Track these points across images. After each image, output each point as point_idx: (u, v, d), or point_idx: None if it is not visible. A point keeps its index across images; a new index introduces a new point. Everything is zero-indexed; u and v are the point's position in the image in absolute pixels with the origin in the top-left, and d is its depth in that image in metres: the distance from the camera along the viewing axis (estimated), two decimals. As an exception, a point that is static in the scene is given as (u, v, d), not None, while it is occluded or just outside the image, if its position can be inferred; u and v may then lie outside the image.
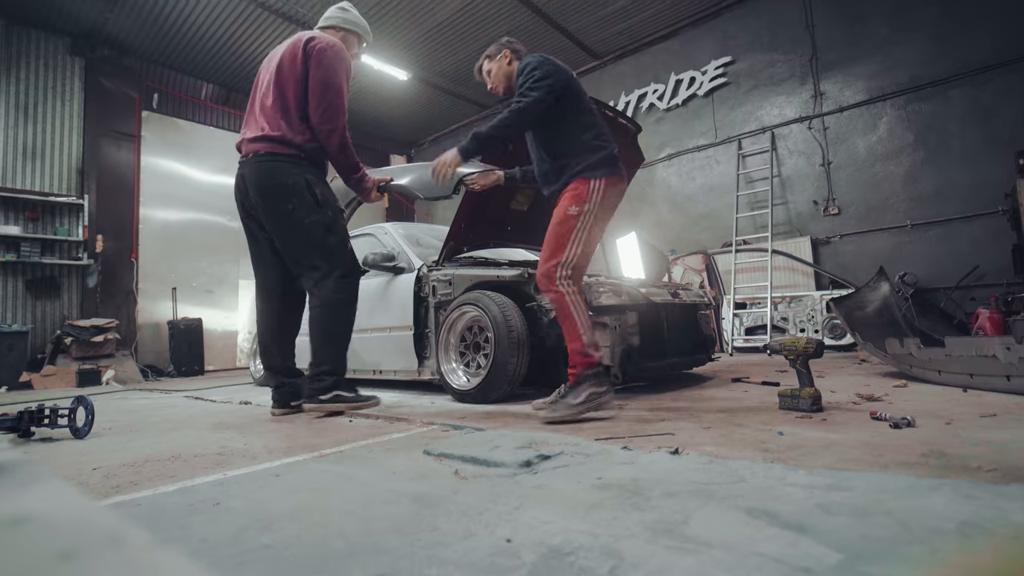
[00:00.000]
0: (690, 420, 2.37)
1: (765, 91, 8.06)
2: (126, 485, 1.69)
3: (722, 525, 1.08)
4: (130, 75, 8.91)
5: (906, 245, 6.72)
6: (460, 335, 3.67)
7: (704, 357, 4.08)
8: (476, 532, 1.12)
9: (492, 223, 4.36)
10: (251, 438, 2.46)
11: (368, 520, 1.22)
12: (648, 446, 1.83)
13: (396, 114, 11.79)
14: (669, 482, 1.39)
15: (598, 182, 2.68)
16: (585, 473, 1.52)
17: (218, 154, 9.97)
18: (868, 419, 2.15)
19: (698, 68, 8.72)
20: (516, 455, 1.70)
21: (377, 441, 2.22)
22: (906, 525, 1.02)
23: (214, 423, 3.03)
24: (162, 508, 1.42)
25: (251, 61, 9.36)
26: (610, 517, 1.16)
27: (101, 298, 8.21)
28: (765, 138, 8.00)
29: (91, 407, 2.70)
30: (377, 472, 1.68)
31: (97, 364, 7.32)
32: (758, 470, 1.45)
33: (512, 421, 2.60)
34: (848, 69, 7.29)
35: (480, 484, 1.48)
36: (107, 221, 8.41)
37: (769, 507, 1.16)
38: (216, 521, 1.27)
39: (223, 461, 1.97)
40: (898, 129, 6.88)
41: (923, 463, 1.48)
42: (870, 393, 2.80)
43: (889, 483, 1.28)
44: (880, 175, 6.96)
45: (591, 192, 2.66)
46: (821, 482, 1.31)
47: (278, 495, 1.47)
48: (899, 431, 1.90)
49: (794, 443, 1.80)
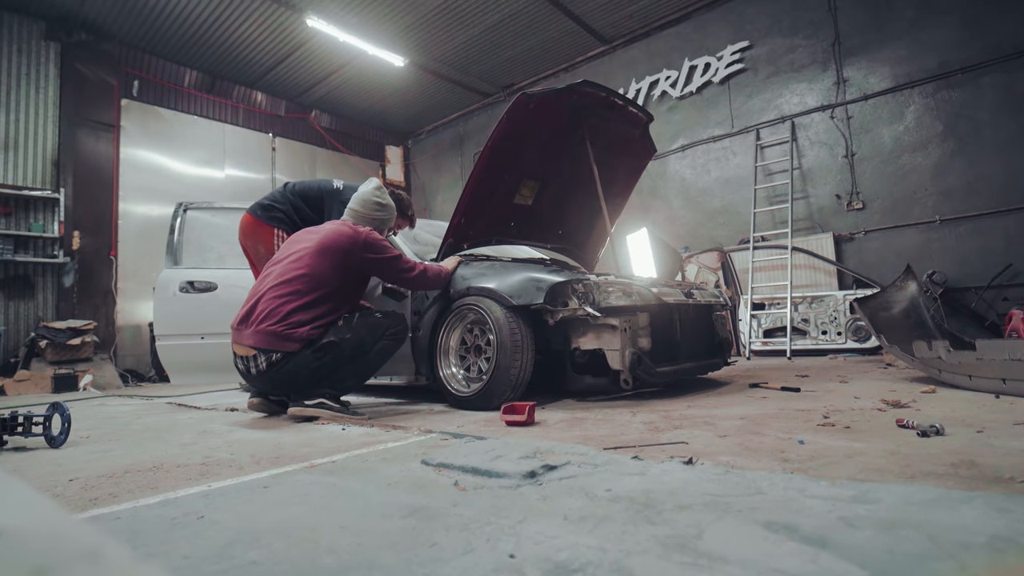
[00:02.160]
0: (705, 428, 2.36)
1: (785, 78, 8.04)
2: (105, 497, 1.69)
3: (738, 540, 1.08)
4: (108, 61, 8.93)
5: (935, 242, 6.71)
6: (460, 337, 3.67)
7: (720, 361, 4.08)
8: (477, 547, 1.12)
9: (494, 218, 4.36)
10: (237, 447, 2.47)
11: (361, 535, 1.22)
12: (660, 456, 1.83)
13: (392, 103, 11.82)
14: (682, 494, 1.39)
15: None
16: (593, 484, 1.52)
17: (202, 145, 10.01)
18: (894, 427, 2.15)
19: (713, 53, 8.70)
20: (520, 465, 1.70)
21: (371, 451, 2.22)
22: (935, 539, 1.02)
23: (198, 431, 3.04)
24: (143, 522, 1.42)
25: (238, 46, 9.39)
26: (620, 531, 1.16)
27: (78, 298, 8.24)
28: (785, 128, 7.99)
29: (67, 414, 2.70)
30: (371, 483, 1.68)
31: (74, 368, 7.34)
32: (777, 481, 1.45)
33: (515, 430, 2.60)
34: (873, 54, 7.27)
35: (481, 496, 1.48)
36: (84, 216, 8.43)
37: (789, 520, 1.16)
38: (200, 536, 1.28)
39: (208, 472, 1.97)
40: (926, 118, 6.86)
41: (953, 474, 1.47)
42: (896, 399, 2.80)
43: (916, 495, 1.28)
44: (907, 167, 6.95)
45: None
46: (844, 494, 1.31)
47: (266, 508, 1.47)
48: (927, 439, 1.90)
49: (815, 452, 1.79)
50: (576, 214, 4.97)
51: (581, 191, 4.66)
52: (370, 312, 3.48)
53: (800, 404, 2.90)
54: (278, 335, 3.13)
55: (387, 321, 3.43)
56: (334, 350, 3.21)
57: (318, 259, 3.30)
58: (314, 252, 3.32)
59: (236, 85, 10.63)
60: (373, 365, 3.41)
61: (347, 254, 3.35)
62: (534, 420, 2.73)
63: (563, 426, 2.63)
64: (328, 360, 3.20)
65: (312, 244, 3.37)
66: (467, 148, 12.37)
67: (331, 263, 3.32)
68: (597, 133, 4.28)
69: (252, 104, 10.92)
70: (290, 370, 3.17)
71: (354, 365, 3.31)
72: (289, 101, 11.40)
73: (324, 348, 3.19)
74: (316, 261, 3.29)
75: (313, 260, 3.29)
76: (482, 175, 3.93)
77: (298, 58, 9.92)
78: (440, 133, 13.02)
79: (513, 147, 3.98)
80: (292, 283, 3.24)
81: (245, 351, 3.23)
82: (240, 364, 3.28)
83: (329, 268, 3.30)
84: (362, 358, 3.32)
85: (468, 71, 10.60)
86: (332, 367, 3.24)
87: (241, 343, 3.24)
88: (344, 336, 3.24)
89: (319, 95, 11.31)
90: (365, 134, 12.80)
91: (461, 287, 3.66)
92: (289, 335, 3.13)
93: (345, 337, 3.24)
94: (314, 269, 3.27)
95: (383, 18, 8.77)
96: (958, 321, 6.37)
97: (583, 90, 3.92)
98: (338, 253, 3.34)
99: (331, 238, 3.38)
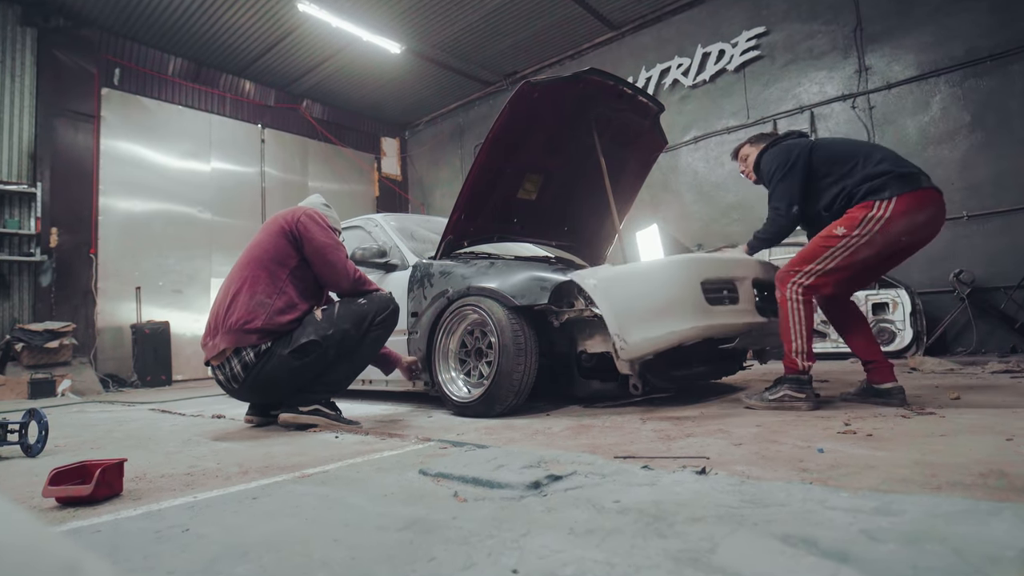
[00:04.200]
0: (719, 436, 2.36)
1: (803, 66, 8.03)
2: (84, 509, 1.69)
3: (754, 554, 1.08)
4: (88, 48, 8.94)
5: (962, 239, 6.69)
6: (460, 340, 3.67)
7: (735, 365, 4.08)
8: (478, 562, 1.12)
9: (496, 214, 4.36)
10: (224, 456, 2.47)
11: (356, 548, 1.23)
12: (672, 465, 1.83)
13: (387, 92, 11.81)
14: (695, 506, 1.39)
15: (883, 204, 2.92)
16: (601, 495, 1.52)
17: (187, 137, 10.00)
18: (918, 435, 2.14)
19: (728, 40, 8.69)
20: (523, 475, 1.70)
21: (366, 460, 2.22)
22: (961, 553, 1.02)
23: (183, 439, 3.05)
24: (125, 535, 1.43)
25: (225, 31, 9.39)
26: (629, 545, 1.16)
27: (56, 299, 8.25)
28: (803, 118, 7.98)
29: (45, 421, 2.71)
30: (366, 494, 1.68)
31: (51, 373, 7.35)
32: (795, 492, 1.45)
33: (519, 438, 2.60)
34: (897, 41, 7.26)
35: (482, 508, 1.48)
36: (63, 212, 8.43)
37: (807, 533, 1.16)
38: (185, 550, 1.28)
39: (193, 482, 1.98)
40: (953, 108, 6.85)
41: (981, 484, 1.47)
42: (921, 405, 2.80)
43: (942, 506, 1.28)
44: (932, 160, 6.93)
45: (866, 220, 2.92)
46: (866, 505, 1.31)
47: (254, 520, 1.48)
48: (954, 447, 1.90)
49: (836, 461, 1.79)
50: (582, 210, 4.96)
51: (588, 185, 4.65)
52: (351, 300, 3.30)
53: (819, 411, 2.90)
54: (238, 330, 3.10)
55: (371, 306, 3.27)
56: (316, 350, 3.13)
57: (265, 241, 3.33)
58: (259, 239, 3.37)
59: (223, 73, 10.63)
60: (366, 357, 3.37)
61: (283, 231, 3.31)
62: (120, 489, 1.88)
63: (569, 434, 2.63)
64: (311, 361, 3.13)
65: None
66: (467, 140, 12.37)
67: (273, 244, 3.29)
68: (605, 124, 4.28)
69: (240, 93, 10.93)
70: (268, 374, 3.12)
71: (344, 364, 3.26)
72: (279, 90, 11.41)
73: (304, 349, 3.11)
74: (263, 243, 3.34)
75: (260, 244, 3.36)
76: (483, 168, 3.93)
77: (288, 45, 9.92)
78: (439, 124, 13.02)
79: (516, 139, 3.97)
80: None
81: (219, 359, 3.21)
82: (219, 375, 3.26)
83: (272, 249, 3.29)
84: (350, 355, 3.25)
85: (468, 58, 10.60)
86: (318, 368, 3.18)
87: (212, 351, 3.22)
88: (326, 333, 3.14)
89: (311, 84, 11.31)
90: (359, 125, 12.80)
91: (461, 286, 3.66)
92: (249, 329, 3.10)
93: (327, 334, 3.14)
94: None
95: (378, 2, 8.76)
96: (986, 323, 6.36)
97: (590, 78, 3.91)
98: (277, 231, 3.32)
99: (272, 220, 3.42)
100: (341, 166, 12.26)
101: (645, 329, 3.05)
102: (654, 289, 3.12)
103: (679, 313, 3.06)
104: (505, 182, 4.23)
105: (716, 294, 3.19)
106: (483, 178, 4.00)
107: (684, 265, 3.17)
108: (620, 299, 3.11)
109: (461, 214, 4.04)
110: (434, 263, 4.06)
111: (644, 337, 3.04)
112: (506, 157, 4.05)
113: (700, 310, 3.08)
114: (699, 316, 3.07)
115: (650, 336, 3.04)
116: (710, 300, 3.13)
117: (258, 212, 10.74)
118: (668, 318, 3.05)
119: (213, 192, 10.15)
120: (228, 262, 9.62)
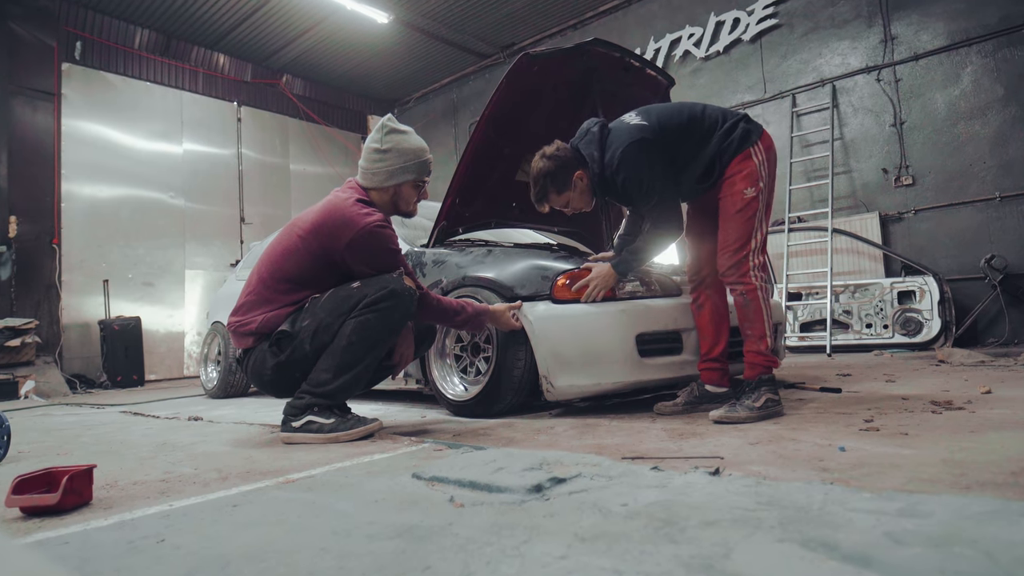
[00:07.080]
0: (733, 434, 2.38)
1: (824, 35, 8.01)
2: (51, 519, 1.70)
3: (771, 559, 1.09)
4: (47, 19, 8.88)
5: (994, 222, 6.70)
6: (455, 335, 3.67)
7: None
8: (476, 571, 1.13)
9: (493, 198, 4.35)
10: (202, 461, 2.48)
11: (345, 558, 1.24)
12: (683, 466, 1.84)
13: (374, 65, 11.76)
14: (708, 509, 1.40)
15: (758, 148, 2.94)
16: (607, 499, 1.53)
17: (157, 115, 9.95)
18: (946, 432, 2.16)
19: (743, 7, 8.66)
20: (524, 478, 1.71)
21: (356, 463, 2.23)
22: (992, 557, 1.03)
23: (158, 443, 3.05)
24: (95, 546, 1.43)
25: (195, 2, 9.33)
26: (638, 551, 1.17)
27: (16, 293, 8.23)
28: (825, 92, 7.96)
29: (6, 426, 2.71)
30: (356, 500, 1.69)
31: (13, 374, 7.35)
32: (815, 493, 1.46)
33: (519, 438, 2.61)
34: (925, 8, 7.24)
35: (481, 513, 1.49)
36: (22, 199, 8.41)
37: (828, 537, 1.17)
38: (160, 562, 1.29)
39: (168, 489, 1.99)
40: (985, 81, 6.83)
41: (1013, 483, 1.48)
42: (949, 399, 2.81)
43: (972, 507, 1.29)
44: (963, 137, 6.93)
45: (759, 168, 2.92)
46: (890, 507, 1.32)
47: (235, 530, 1.48)
48: (984, 444, 1.91)
49: (858, 460, 1.81)
50: (585, 193, 4.94)
51: (591, 166, 4.64)
52: (344, 285, 2.93)
53: (841, 407, 2.92)
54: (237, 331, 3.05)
55: (362, 290, 2.85)
56: (290, 342, 2.86)
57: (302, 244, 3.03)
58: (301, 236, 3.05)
59: (195, 46, 10.57)
60: (355, 352, 2.82)
61: (327, 246, 2.96)
62: (90, 497, 1.87)
63: (573, 433, 2.64)
64: (286, 358, 2.89)
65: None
66: (461, 118, 12.33)
67: (308, 254, 2.98)
68: (611, 100, 4.26)
69: (213, 68, 10.87)
70: (252, 367, 3.03)
71: (325, 358, 2.85)
72: (256, 64, 11.35)
73: (276, 341, 2.89)
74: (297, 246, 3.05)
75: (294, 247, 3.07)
76: (479, 149, 3.92)
77: (266, 14, 9.85)
78: (430, 100, 12.97)
79: (514, 116, 3.96)
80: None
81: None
82: None
83: (307, 259, 2.99)
84: (331, 347, 2.84)
85: (462, 29, 10.54)
86: (300, 365, 2.90)
87: None
88: (301, 324, 2.87)
89: (291, 57, 11.25)
90: (344, 102, 12.75)
91: (456, 277, 3.66)
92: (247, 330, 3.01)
93: (302, 325, 2.86)
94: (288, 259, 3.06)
95: (362, -32, 8.73)
96: (1020, 312, 6.38)
97: (594, 50, 3.90)
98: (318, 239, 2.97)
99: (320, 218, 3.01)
100: (325, 147, 12.21)
101: (572, 376, 3.12)
102: (585, 338, 3.13)
103: (607, 365, 3.10)
104: (503, 164, 4.22)
105: (655, 345, 3.18)
106: (479, 159, 3.99)
107: (618, 316, 3.13)
108: (553, 341, 3.13)
109: (455, 198, 4.04)
110: (426, 251, 4.05)
111: (570, 384, 3.12)
112: (504, 136, 4.04)
113: (631, 364, 3.09)
114: (628, 370, 3.10)
115: (576, 384, 3.13)
116: (646, 352, 3.12)
117: (235, 197, 10.69)
118: (595, 368, 3.10)
119: (186, 176, 10.11)
120: (202, 251, 9.65)
